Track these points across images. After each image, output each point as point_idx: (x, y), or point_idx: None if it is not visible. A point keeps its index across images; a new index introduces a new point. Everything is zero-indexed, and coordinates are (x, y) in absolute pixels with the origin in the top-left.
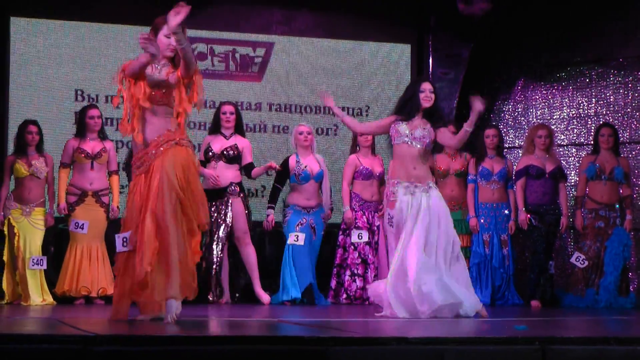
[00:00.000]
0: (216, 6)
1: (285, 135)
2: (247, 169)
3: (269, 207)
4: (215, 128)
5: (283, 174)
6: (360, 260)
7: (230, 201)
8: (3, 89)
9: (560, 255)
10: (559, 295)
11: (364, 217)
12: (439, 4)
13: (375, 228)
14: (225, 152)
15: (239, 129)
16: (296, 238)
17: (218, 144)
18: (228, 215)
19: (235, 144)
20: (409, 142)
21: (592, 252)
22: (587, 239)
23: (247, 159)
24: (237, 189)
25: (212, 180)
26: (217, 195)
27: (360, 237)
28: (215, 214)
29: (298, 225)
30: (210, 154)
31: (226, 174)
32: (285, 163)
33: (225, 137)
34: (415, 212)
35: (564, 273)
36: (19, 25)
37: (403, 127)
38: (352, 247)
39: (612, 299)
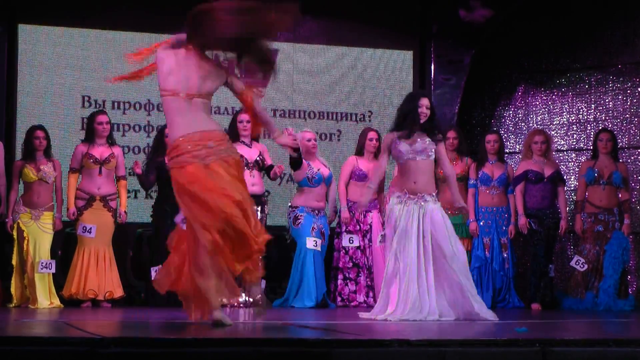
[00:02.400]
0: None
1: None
2: (268, 171)
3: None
4: (234, 136)
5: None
6: (352, 264)
7: (264, 209)
8: (11, 95)
9: (560, 259)
10: (559, 298)
11: (354, 218)
12: (440, 11)
13: (368, 227)
14: (258, 161)
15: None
16: (315, 243)
17: (246, 154)
18: (264, 221)
19: (260, 151)
20: (413, 158)
21: (591, 255)
22: (587, 243)
23: (267, 161)
24: (267, 200)
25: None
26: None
27: (351, 242)
28: None
29: (313, 229)
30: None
31: (262, 181)
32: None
33: (247, 145)
34: (409, 222)
35: (563, 276)
36: (27, 32)
37: (404, 147)
38: (344, 250)
39: (612, 301)
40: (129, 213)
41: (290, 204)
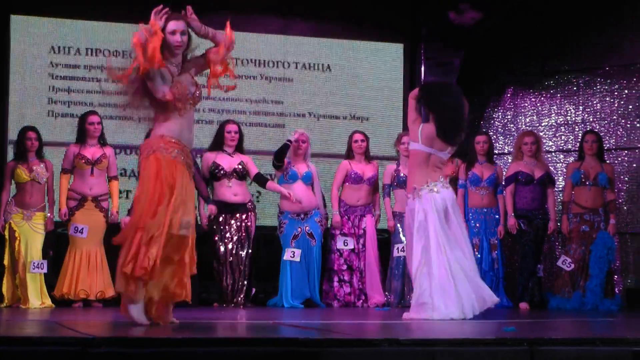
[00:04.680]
0: (213, 15)
1: (281, 130)
2: (258, 179)
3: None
4: (218, 145)
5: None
6: (346, 266)
7: (249, 216)
8: (2, 93)
9: (548, 259)
10: (547, 298)
11: (349, 222)
12: (430, 13)
13: (362, 231)
14: (237, 171)
15: (239, 147)
16: (292, 254)
17: (226, 163)
18: (248, 229)
19: (242, 161)
20: None
21: (577, 255)
22: (573, 243)
23: (253, 171)
24: (253, 205)
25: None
26: (237, 209)
27: (345, 244)
28: (235, 226)
29: (294, 239)
30: (221, 172)
31: (244, 190)
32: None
33: (229, 154)
34: None
35: (551, 276)
36: (19, 24)
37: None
38: (338, 253)
39: (598, 301)
40: (121, 213)
41: (278, 206)
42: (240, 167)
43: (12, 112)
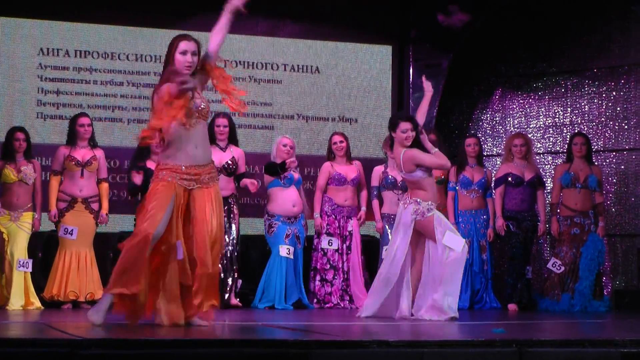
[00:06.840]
0: (203, 15)
1: (270, 132)
2: (238, 179)
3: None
4: (210, 140)
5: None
6: (329, 266)
7: (232, 212)
8: None
9: (537, 261)
10: (536, 299)
11: (336, 221)
12: (419, 16)
13: (347, 233)
14: (226, 167)
15: (233, 139)
16: (288, 251)
17: (216, 157)
18: (232, 227)
19: (233, 157)
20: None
21: (568, 257)
22: (564, 245)
23: (240, 169)
24: (235, 201)
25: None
26: None
27: (330, 244)
28: None
29: (286, 237)
30: None
31: (227, 186)
32: (274, 163)
33: (221, 149)
34: None
35: (540, 278)
36: (7, 25)
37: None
38: (322, 252)
39: (587, 302)
40: (110, 215)
41: (266, 210)
42: (231, 162)
43: (1, 114)
